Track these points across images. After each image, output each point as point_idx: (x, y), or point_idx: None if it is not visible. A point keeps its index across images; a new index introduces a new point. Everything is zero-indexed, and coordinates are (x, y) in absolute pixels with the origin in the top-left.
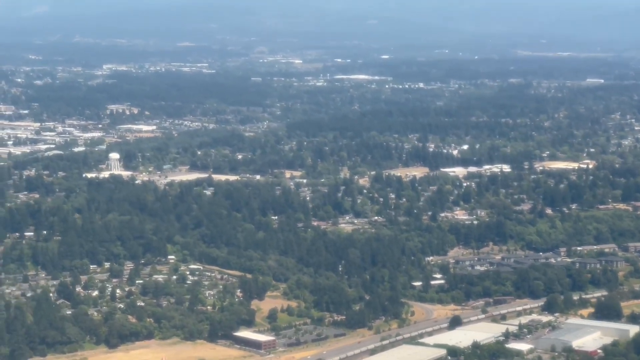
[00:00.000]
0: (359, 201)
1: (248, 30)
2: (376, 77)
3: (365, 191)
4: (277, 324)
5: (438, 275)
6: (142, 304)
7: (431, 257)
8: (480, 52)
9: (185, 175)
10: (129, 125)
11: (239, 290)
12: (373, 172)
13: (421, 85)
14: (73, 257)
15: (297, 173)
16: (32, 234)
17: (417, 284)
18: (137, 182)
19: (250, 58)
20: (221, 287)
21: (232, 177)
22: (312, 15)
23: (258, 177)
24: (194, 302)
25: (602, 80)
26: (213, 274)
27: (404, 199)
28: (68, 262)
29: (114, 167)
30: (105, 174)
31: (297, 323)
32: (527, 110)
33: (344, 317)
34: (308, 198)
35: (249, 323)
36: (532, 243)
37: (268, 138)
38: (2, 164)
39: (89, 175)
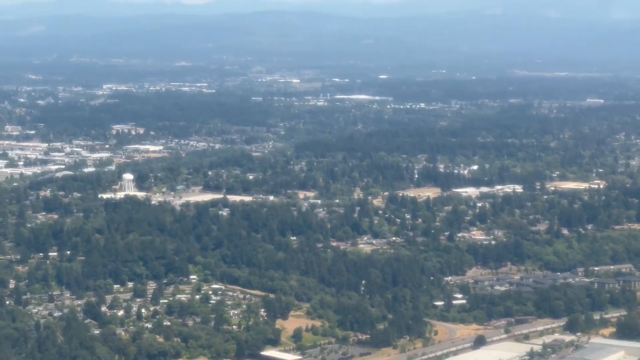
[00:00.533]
0: (375, 222)
1: (244, 50)
2: (377, 97)
3: (380, 212)
4: (302, 344)
5: (459, 295)
6: (169, 323)
7: (450, 277)
8: (478, 72)
9: (199, 196)
10: (136, 146)
11: (262, 310)
12: (386, 193)
13: (422, 105)
14: (97, 277)
15: (310, 194)
16: (55, 254)
17: (439, 303)
18: (153, 202)
19: (249, 77)
20: (245, 306)
21: (245, 198)
22: (307, 36)
23: (271, 197)
24: (220, 322)
25: (602, 101)
26: (235, 294)
27: (420, 220)
28: (92, 282)
29: (128, 188)
30: (120, 195)
31: (322, 342)
32: (531, 130)
33: (369, 336)
34: (324, 219)
35: (274, 342)
36: (549, 263)
37: (277, 158)
38: (15, 184)
39: (104, 196)
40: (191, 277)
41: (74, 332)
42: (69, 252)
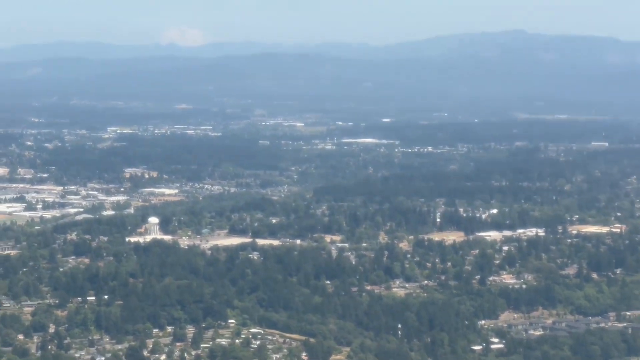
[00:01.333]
0: (407, 265)
1: (244, 93)
2: (384, 141)
3: (409, 255)
4: None
5: (495, 339)
6: None
7: (484, 321)
8: (479, 115)
9: (226, 240)
10: (151, 189)
11: (304, 354)
12: (411, 237)
13: (430, 148)
14: (136, 321)
15: (336, 237)
16: (92, 298)
17: (477, 347)
18: (182, 246)
19: (252, 121)
20: (286, 350)
21: (273, 242)
22: (305, 78)
23: (298, 241)
24: None
25: (606, 144)
26: (275, 338)
27: (449, 263)
28: (131, 326)
29: (153, 232)
30: (146, 238)
31: None
32: (544, 174)
33: None
34: (356, 262)
35: None
36: (581, 307)
37: (297, 202)
38: (37, 227)
39: (132, 240)
40: (229, 321)
41: None
42: (106, 297)
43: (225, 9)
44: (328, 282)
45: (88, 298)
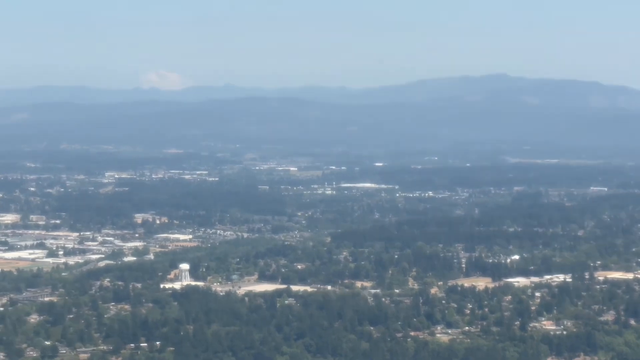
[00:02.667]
0: (446, 312)
1: (231, 137)
2: (383, 186)
3: (444, 302)
4: None
5: None
6: None
7: None
8: (469, 159)
9: (257, 286)
10: (166, 235)
11: None
12: (440, 283)
13: (431, 193)
14: None
15: (366, 284)
16: (144, 344)
17: None
18: (216, 292)
19: (245, 165)
20: None
21: (303, 288)
22: (291, 122)
23: (329, 287)
24: None
25: (605, 189)
26: None
27: (486, 309)
28: None
29: (184, 278)
30: (178, 285)
31: None
32: (554, 219)
33: None
34: (393, 309)
35: None
36: (622, 353)
37: (318, 248)
38: (64, 274)
39: (166, 286)
40: None
41: None
42: (158, 343)
43: (203, 54)
44: (371, 327)
45: (141, 344)
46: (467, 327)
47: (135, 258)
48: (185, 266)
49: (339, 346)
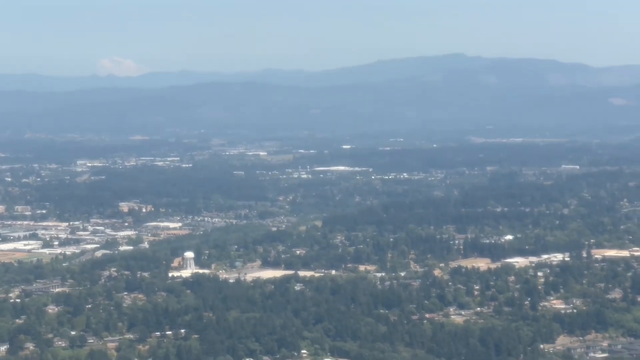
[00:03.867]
0: (456, 293)
1: (195, 123)
2: (356, 168)
3: (450, 283)
4: None
5: None
6: None
7: (542, 345)
8: (435, 140)
9: (262, 272)
10: (155, 223)
11: None
12: (442, 264)
13: (405, 175)
14: (216, 353)
15: (370, 267)
16: (169, 332)
17: None
18: (225, 279)
19: (214, 151)
20: None
21: (309, 273)
22: (253, 107)
23: (333, 272)
24: None
25: (577, 167)
26: None
27: (493, 290)
28: (212, 359)
29: (189, 266)
30: (184, 273)
31: None
32: (537, 199)
33: None
34: (405, 292)
35: None
36: (632, 330)
37: (312, 233)
38: (64, 264)
39: (175, 274)
40: (302, 351)
41: None
42: (182, 331)
43: (156, 40)
44: (387, 311)
45: (165, 332)
46: (478, 308)
47: (131, 247)
48: (190, 254)
49: (358, 330)
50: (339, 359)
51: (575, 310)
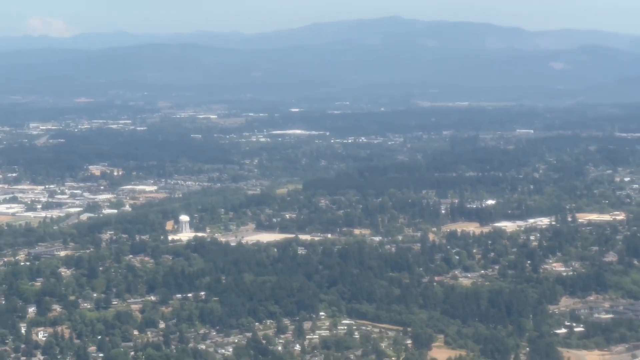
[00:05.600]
0: (458, 257)
1: (137, 85)
2: (313, 132)
3: (449, 247)
4: None
5: (567, 323)
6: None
7: (548, 307)
8: (381, 103)
9: (259, 235)
10: (131, 187)
11: (409, 342)
12: (434, 229)
13: (364, 139)
14: (238, 315)
15: (365, 231)
16: (189, 294)
17: (561, 331)
18: (224, 242)
19: (164, 114)
20: (390, 339)
21: (305, 237)
22: (193, 69)
23: (329, 235)
24: (380, 354)
25: (531, 131)
26: (368, 328)
27: (492, 253)
28: (235, 321)
29: (185, 229)
30: (182, 236)
31: None
32: (505, 163)
33: None
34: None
35: None
36: (631, 292)
37: (296, 197)
38: (55, 227)
39: (175, 237)
40: (320, 313)
41: None
42: (202, 293)
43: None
44: (397, 273)
45: (187, 295)
46: (482, 271)
47: (114, 211)
48: (185, 218)
49: (372, 292)
50: (357, 320)
51: (574, 273)
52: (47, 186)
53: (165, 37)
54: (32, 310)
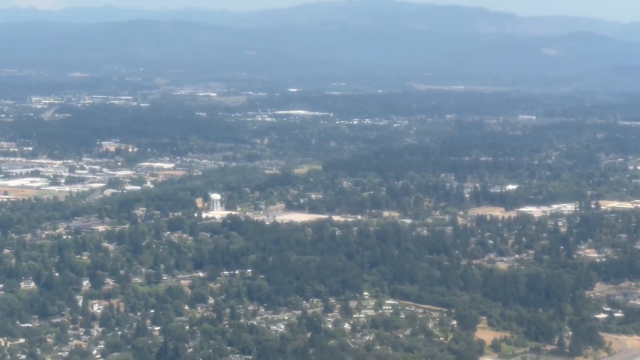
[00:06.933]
0: (491, 241)
1: (131, 61)
2: (317, 113)
3: (480, 230)
4: (503, 353)
5: (606, 309)
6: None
7: (584, 292)
8: (377, 85)
9: (290, 215)
10: (148, 164)
11: (454, 323)
12: (461, 212)
13: (369, 121)
14: (286, 293)
15: (394, 213)
16: (236, 272)
17: (600, 316)
18: (265, 222)
19: (163, 91)
20: (437, 320)
21: (337, 218)
22: (183, 46)
23: (359, 217)
24: (429, 334)
25: (534, 117)
26: (412, 309)
27: (523, 238)
28: (282, 298)
29: (216, 207)
30: (214, 214)
31: (519, 352)
32: (516, 149)
33: (556, 347)
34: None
35: (480, 352)
36: None
37: (318, 177)
38: (83, 202)
39: (208, 215)
40: (364, 293)
41: (318, 344)
42: (249, 271)
43: None
44: (436, 256)
45: (234, 272)
46: (517, 255)
47: (137, 187)
48: (216, 196)
49: (414, 274)
50: (400, 300)
51: (607, 259)
52: (65, 161)
53: (154, 13)
54: (85, 283)
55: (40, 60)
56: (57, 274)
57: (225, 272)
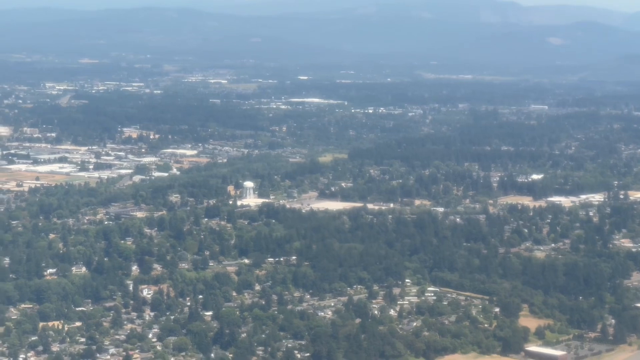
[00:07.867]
0: (525, 230)
1: (138, 48)
2: (332, 101)
3: (512, 219)
4: (548, 340)
5: None
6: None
7: (623, 281)
8: (386, 74)
9: (324, 203)
10: (171, 151)
11: (497, 310)
12: (490, 201)
13: (383, 110)
14: (330, 280)
15: (425, 202)
16: (279, 259)
17: None
18: (302, 210)
19: (173, 77)
20: (479, 307)
21: (370, 206)
22: (192, 33)
23: (391, 205)
24: (474, 321)
25: (545, 107)
26: (453, 296)
27: (558, 228)
28: (327, 285)
29: (249, 195)
30: (248, 202)
31: (562, 339)
32: (536, 138)
33: (599, 334)
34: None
35: (524, 339)
36: None
37: (347, 166)
38: (116, 187)
39: (243, 203)
40: (406, 280)
41: (369, 330)
42: (294, 258)
43: None
44: (474, 244)
45: (279, 259)
46: (553, 244)
47: (164, 174)
48: (249, 184)
49: (454, 262)
50: (441, 288)
51: None
52: (89, 147)
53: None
54: (134, 268)
55: (48, 46)
56: (106, 259)
57: (270, 259)
